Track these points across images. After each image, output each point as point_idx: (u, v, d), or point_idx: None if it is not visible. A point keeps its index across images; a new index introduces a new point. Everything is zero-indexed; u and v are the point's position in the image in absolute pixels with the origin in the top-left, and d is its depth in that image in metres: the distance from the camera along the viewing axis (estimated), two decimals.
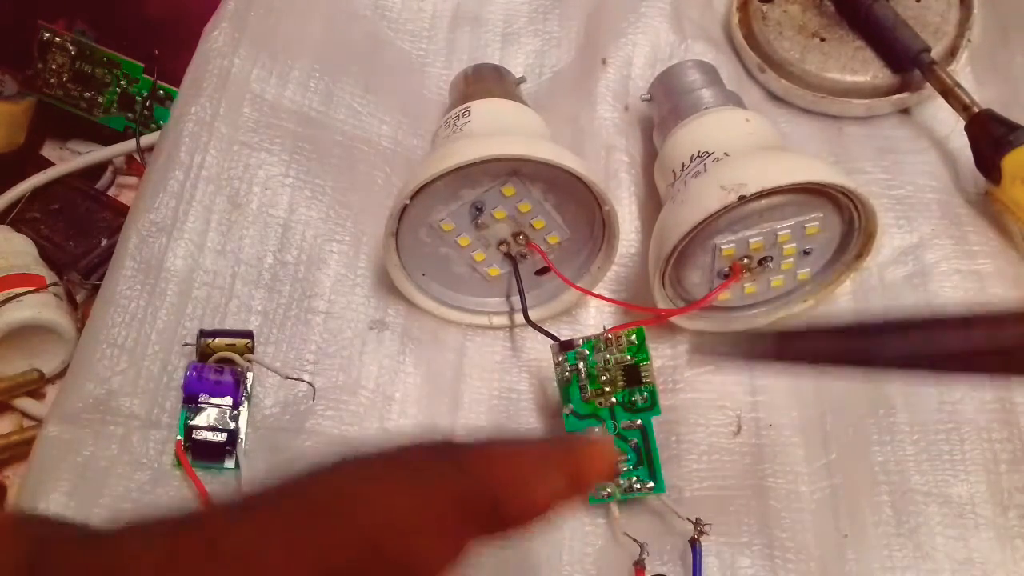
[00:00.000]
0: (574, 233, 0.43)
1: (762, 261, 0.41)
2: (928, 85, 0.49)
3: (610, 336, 0.39)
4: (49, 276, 0.50)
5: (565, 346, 0.40)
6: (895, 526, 0.39)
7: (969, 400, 0.41)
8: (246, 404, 0.40)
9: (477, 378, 0.44)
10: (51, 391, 0.48)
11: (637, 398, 0.39)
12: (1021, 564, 0.37)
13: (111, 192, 0.57)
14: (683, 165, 0.43)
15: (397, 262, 0.43)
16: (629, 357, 0.39)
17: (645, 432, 0.39)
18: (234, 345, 0.40)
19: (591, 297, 0.44)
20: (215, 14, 0.50)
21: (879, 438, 0.41)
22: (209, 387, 0.39)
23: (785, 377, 0.43)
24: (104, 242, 0.52)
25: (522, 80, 0.50)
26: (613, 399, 0.39)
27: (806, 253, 0.42)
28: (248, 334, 0.41)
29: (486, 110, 0.44)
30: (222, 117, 0.46)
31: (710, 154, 0.42)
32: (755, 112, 0.45)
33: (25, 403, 0.48)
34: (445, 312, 0.44)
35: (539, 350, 0.44)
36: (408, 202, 0.40)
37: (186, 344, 0.41)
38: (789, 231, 0.41)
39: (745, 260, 0.41)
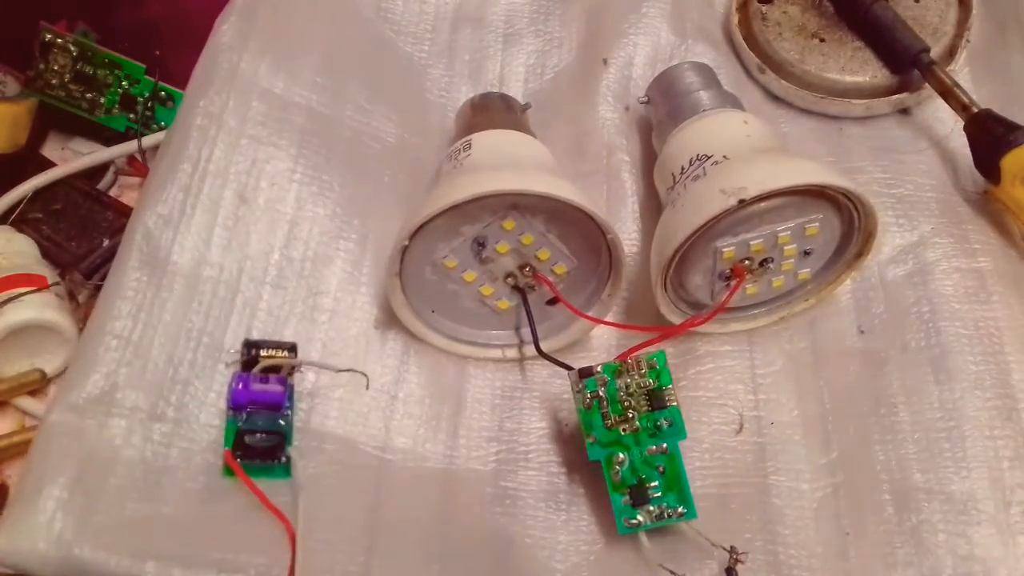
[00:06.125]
0: (581, 262, 0.42)
1: (763, 263, 0.42)
2: (927, 85, 0.49)
3: (630, 360, 0.39)
4: (51, 276, 0.49)
5: (584, 373, 0.39)
6: (897, 523, 0.39)
7: (970, 398, 0.41)
8: (292, 408, 0.40)
9: (480, 377, 0.44)
10: (53, 391, 0.48)
11: (662, 422, 0.38)
12: (1023, 560, 0.37)
13: (113, 192, 0.56)
14: (682, 168, 0.43)
15: (404, 302, 0.42)
16: (652, 381, 0.38)
17: (672, 456, 0.38)
18: (277, 355, 0.41)
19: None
20: (224, 9, 0.49)
21: (880, 436, 0.41)
22: (255, 395, 0.39)
23: (787, 376, 0.43)
24: (106, 242, 0.52)
25: (527, 107, 0.50)
26: (637, 424, 0.38)
27: (806, 254, 0.42)
28: (292, 347, 0.41)
29: (487, 143, 0.44)
30: (231, 111, 0.46)
31: (709, 157, 0.42)
32: (754, 114, 0.45)
33: (26, 403, 0.48)
34: (457, 348, 0.44)
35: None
36: (407, 243, 0.40)
37: (231, 351, 0.41)
38: (789, 233, 0.41)
39: (746, 262, 0.41)
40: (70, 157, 0.58)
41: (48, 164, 0.57)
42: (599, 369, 0.39)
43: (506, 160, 0.43)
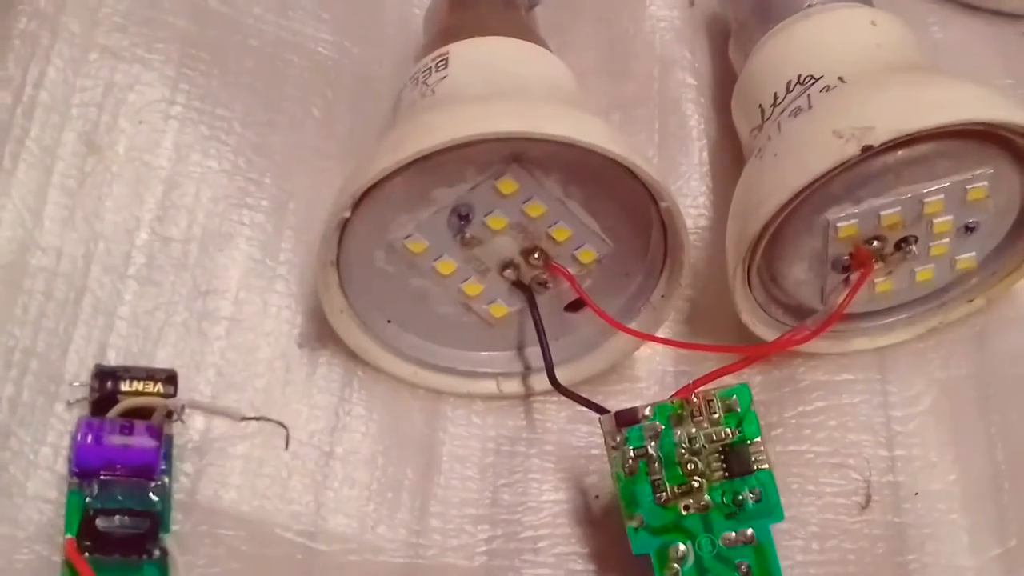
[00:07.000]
0: (619, 244, 0.42)
1: (901, 244, 0.42)
2: None
3: (696, 397, 0.38)
4: None
5: (624, 419, 0.38)
6: None
7: None
8: (171, 473, 0.40)
9: (463, 422, 0.44)
10: None
11: (745, 495, 0.38)
12: None
13: None
14: (776, 97, 0.43)
15: (344, 305, 0.42)
16: (730, 431, 0.38)
17: (762, 548, 0.38)
18: (146, 390, 0.41)
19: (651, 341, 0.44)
20: None
21: None
22: (113, 453, 0.39)
23: (940, 420, 0.43)
24: None
25: (535, 3, 0.50)
26: (707, 498, 0.38)
27: (969, 230, 0.42)
28: (169, 376, 0.41)
29: (472, 58, 0.44)
30: (72, 9, 0.46)
31: (816, 80, 0.42)
32: (886, 11, 0.45)
33: None
34: (426, 378, 0.44)
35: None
36: (348, 214, 0.39)
37: (74, 385, 0.41)
38: (942, 197, 0.41)
39: (875, 243, 0.42)
40: None
41: None
42: (648, 412, 0.38)
43: (502, 85, 0.43)
